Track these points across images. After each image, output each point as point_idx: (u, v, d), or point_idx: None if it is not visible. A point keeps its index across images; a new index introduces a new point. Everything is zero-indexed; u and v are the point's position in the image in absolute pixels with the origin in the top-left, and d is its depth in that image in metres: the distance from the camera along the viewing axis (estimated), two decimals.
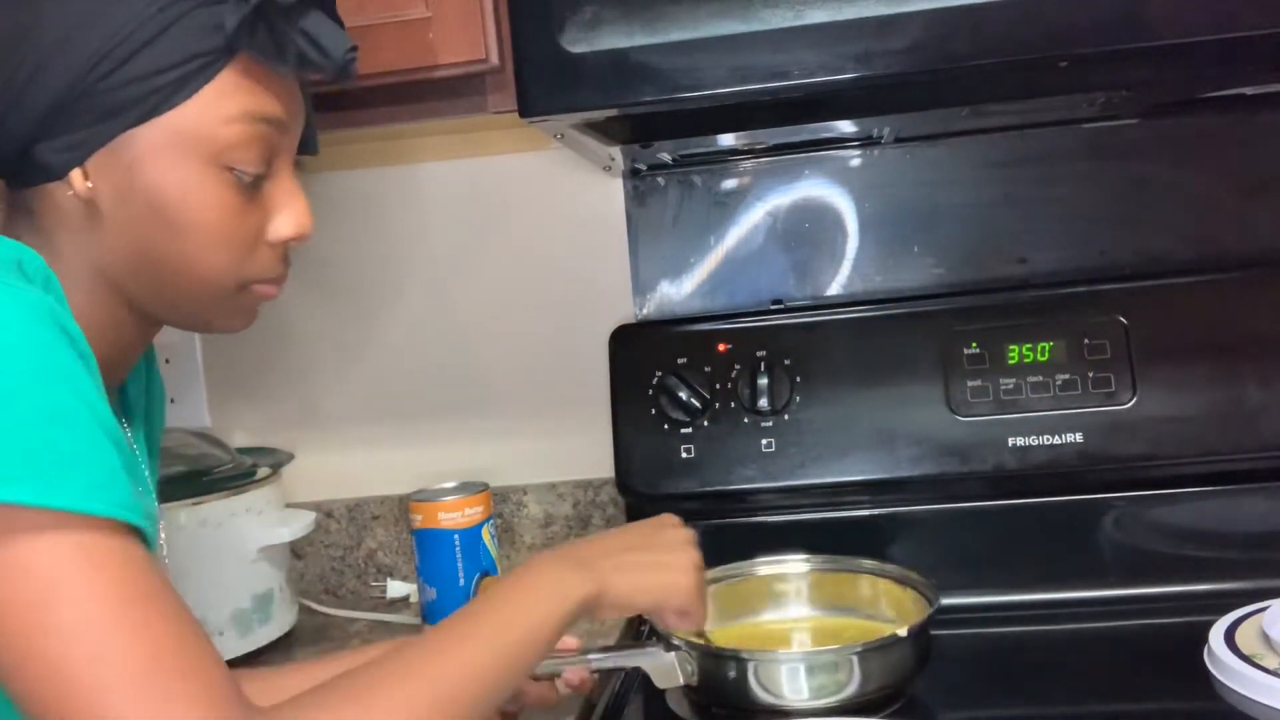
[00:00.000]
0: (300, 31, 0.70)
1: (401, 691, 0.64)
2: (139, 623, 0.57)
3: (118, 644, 0.56)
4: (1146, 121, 1.21)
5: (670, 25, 0.88)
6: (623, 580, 0.79)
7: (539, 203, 1.34)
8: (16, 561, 0.56)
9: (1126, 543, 1.13)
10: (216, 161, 0.70)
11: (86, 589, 0.56)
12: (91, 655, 0.55)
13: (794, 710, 0.89)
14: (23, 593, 0.56)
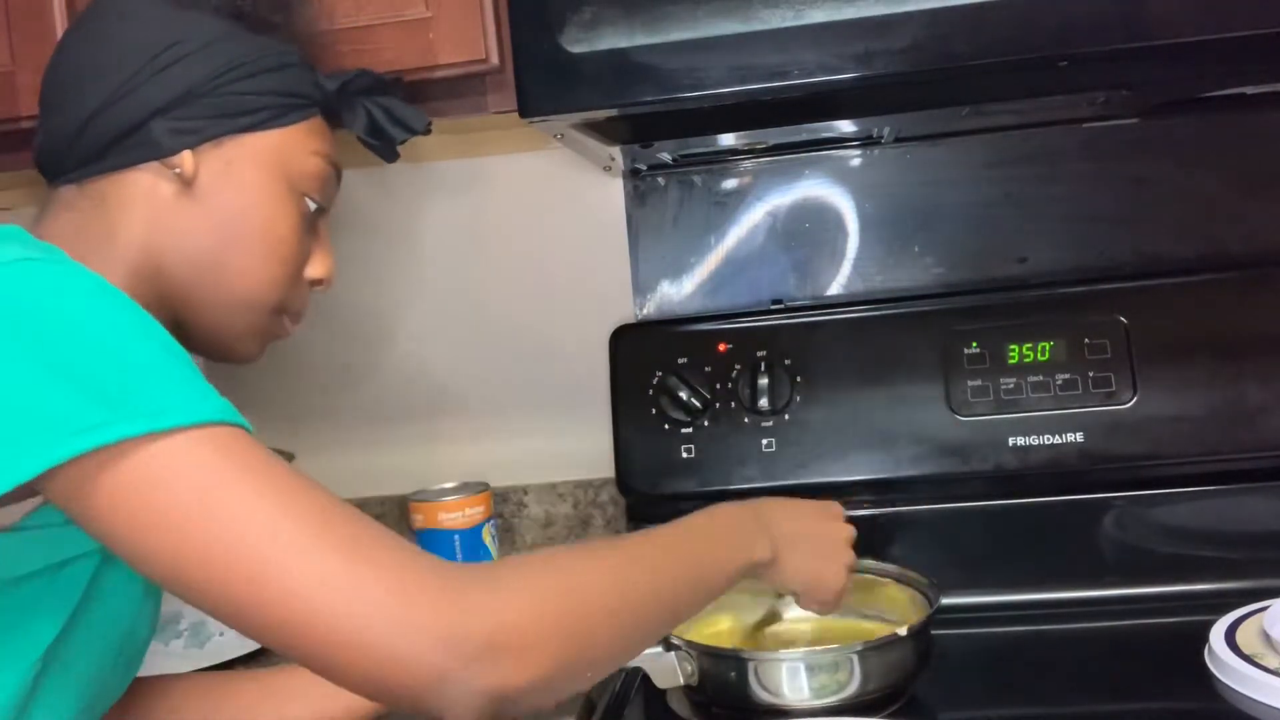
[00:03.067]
0: (380, 107, 0.86)
1: (605, 576, 0.64)
2: (301, 495, 0.58)
3: (289, 515, 0.56)
4: (1146, 121, 1.21)
5: (670, 25, 0.88)
6: (793, 557, 0.84)
7: (539, 203, 1.34)
8: (166, 479, 0.56)
9: (1126, 542, 1.13)
10: (297, 186, 0.81)
11: (237, 477, 0.57)
12: (266, 532, 0.55)
13: (794, 710, 0.89)
14: (183, 502, 0.56)
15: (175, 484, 0.56)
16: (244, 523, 0.56)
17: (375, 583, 0.55)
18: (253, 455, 0.59)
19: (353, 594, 0.54)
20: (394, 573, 0.55)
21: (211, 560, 0.55)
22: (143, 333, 0.60)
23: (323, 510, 0.57)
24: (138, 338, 0.60)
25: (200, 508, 0.56)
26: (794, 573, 0.85)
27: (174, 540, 0.56)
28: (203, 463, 0.57)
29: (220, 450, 0.58)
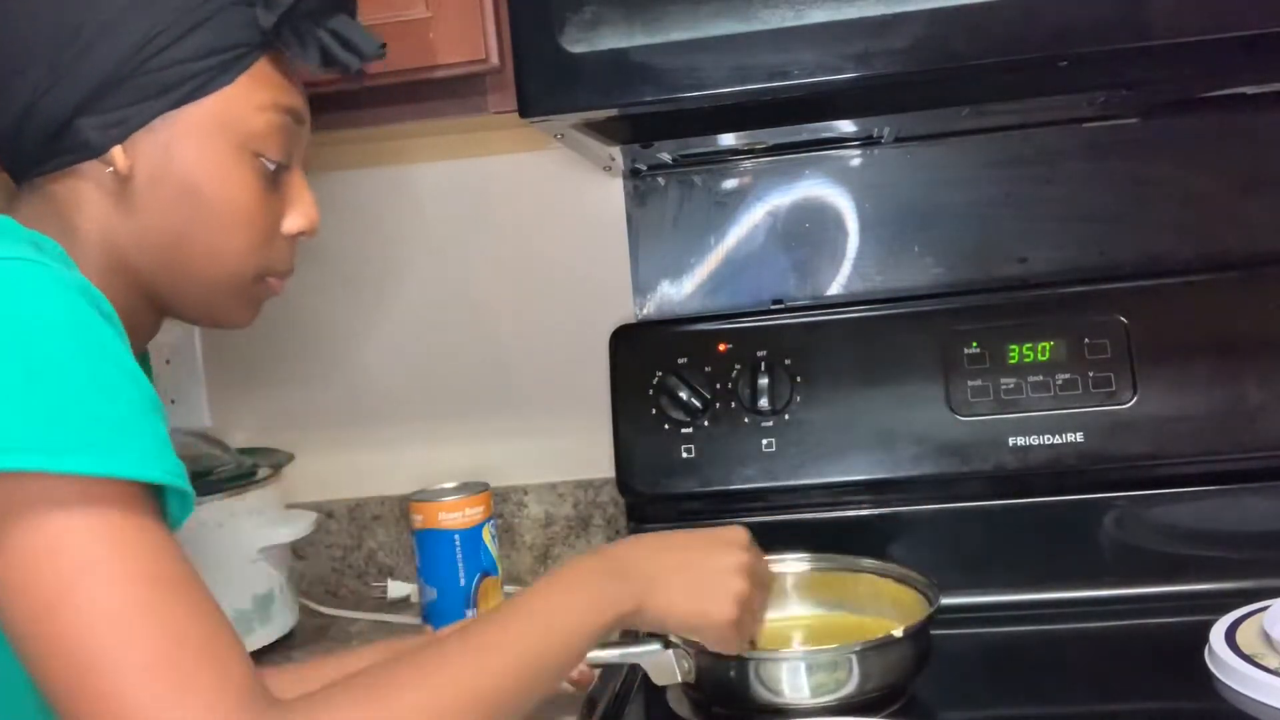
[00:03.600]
0: (329, 31, 0.76)
1: (425, 691, 0.63)
2: (166, 609, 0.57)
3: (144, 629, 0.56)
4: (1146, 121, 1.21)
5: (670, 25, 0.88)
6: (660, 600, 0.77)
7: (539, 203, 1.34)
8: (52, 536, 0.56)
9: (1127, 542, 1.13)
10: (246, 147, 0.74)
11: (120, 569, 0.56)
12: (117, 639, 0.55)
13: (793, 709, 0.89)
14: (55, 569, 0.56)
15: (59, 555, 0.56)
16: (98, 621, 0.56)
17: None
18: (153, 546, 0.58)
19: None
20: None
21: (52, 636, 0.56)
22: (110, 369, 0.59)
23: (181, 630, 0.57)
24: (104, 371, 0.59)
25: (68, 589, 0.56)
26: (665, 615, 0.78)
27: (27, 606, 0.56)
28: (98, 536, 0.57)
29: (119, 528, 0.57)
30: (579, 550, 1.35)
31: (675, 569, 0.79)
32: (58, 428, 0.56)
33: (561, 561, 1.35)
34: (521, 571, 1.35)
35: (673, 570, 0.79)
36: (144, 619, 0.56)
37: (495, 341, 1.36)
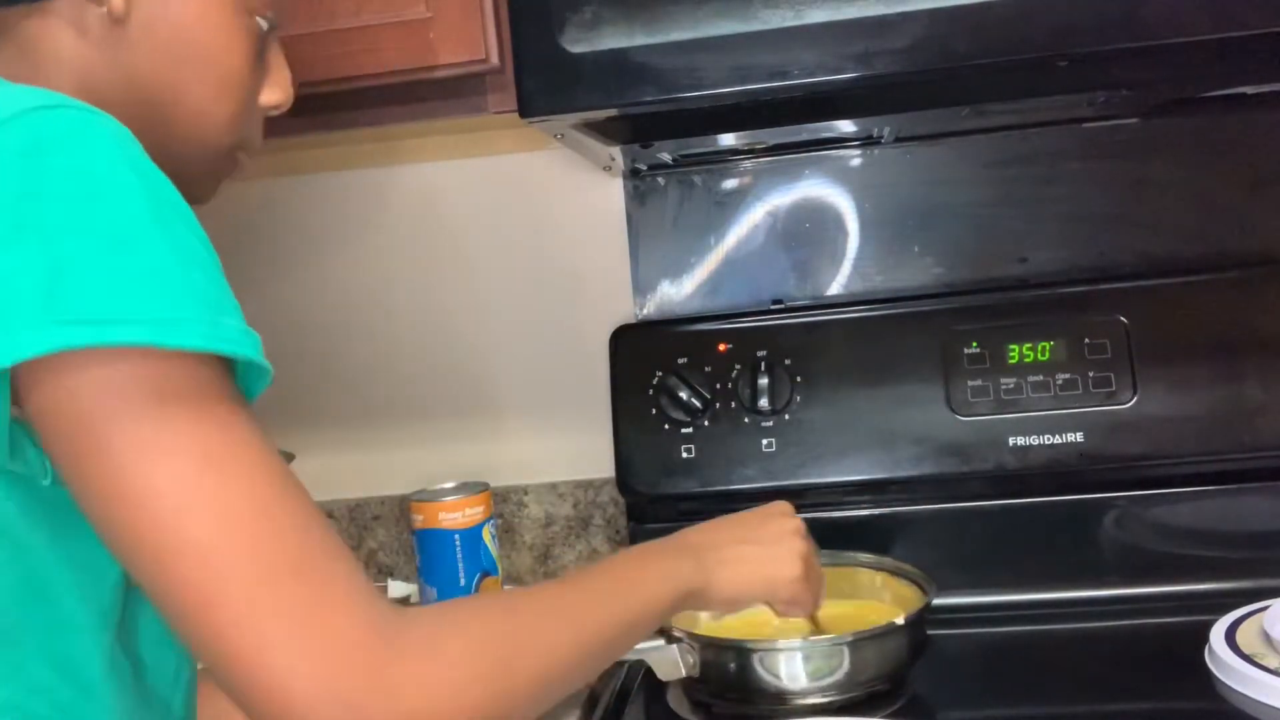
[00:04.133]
0: None
1: (539, 631, 0.62)
2: (288, 518, 0.53)
3: (254, 552, 0.52)
4: (1146, 121, 1.21)
5: (670, 25, 0.88)
6: (729, 574, 0.80)
7: (539, 203, 1.34)
8: (162, 426, 0.52)
9: (1127, 542, 1.13)
10: (245, 5, 0.70)
11: (237, 468, 0.53)
12: (225, 564, 0.51)
13: (796, 696, 0.90)
14: (171, 472, 0.51)
15: (165, 438, 0.51)
16: (206, 542, 0.51)
17: (313, 668, 0.51)
18: (245, 433, 0.54)
19: (289, 657, 0.51)
20: (337, 655, 0.52)
21: (160, 551, 0.51)
22: (193, 231, 0.54)
23: (287, 549, 0.53)
24: (189, 233, 0.54)
25: (166, 493, 0.51)
26: (737, 586, 0.81)
27: (130, 513, 0.51)
28: (207, 417, 0.52)
29: (230, 407, 0.53)
30: (579, 550, 1.35)
31: (736, 543, 0.82)
32: (155, 297, 0.52)
33: (561, 562, 1.35)
34: (521, 571, 1.35)
35: (733, 544, 0.82)
36: (253, 541, 0.52)
37: (495, 341, 1.36)
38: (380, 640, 0.53)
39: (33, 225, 0.50)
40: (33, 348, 0.49)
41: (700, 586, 0.77)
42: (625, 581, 0.73)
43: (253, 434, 0.55)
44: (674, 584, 0.75)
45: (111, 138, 0.54)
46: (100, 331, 0.50)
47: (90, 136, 0.53)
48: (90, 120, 0.54)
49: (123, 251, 0.51)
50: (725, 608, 0.83)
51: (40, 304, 0.49)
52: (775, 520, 0.87)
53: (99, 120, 0.54)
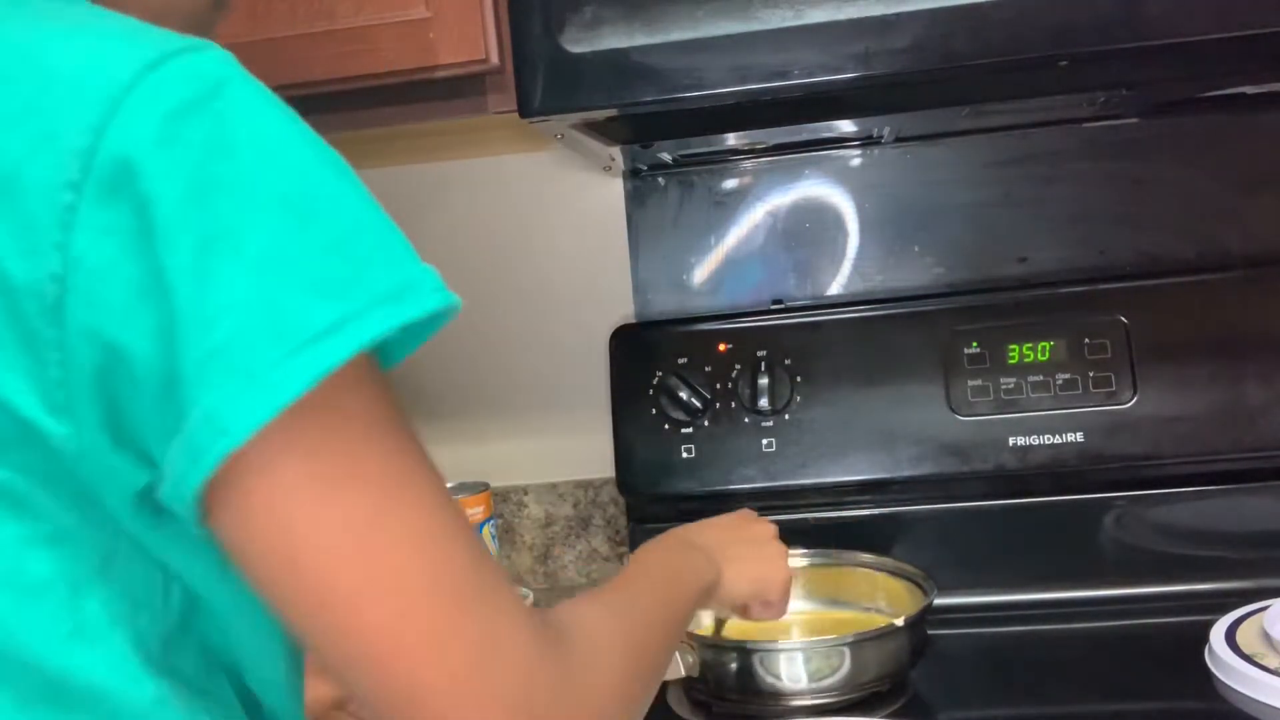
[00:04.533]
0: None
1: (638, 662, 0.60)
2: (457, 531, 0.48)
3: (447, 558, 0.46)
4: (1146, 121, 1.21)
5: (670, 25, 0.88)
6: (732, 570, 0.80)
7: (539, 203, 1.34)
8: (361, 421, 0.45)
9: (1127, 542, 1.13)
10: None
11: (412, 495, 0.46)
12: (429, 575, 0.45)
13: (795, 697, 0.90)
14: (364, 477, 0.44)
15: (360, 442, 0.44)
16: (386, 583, 0.44)
17: (505, 689, 0.47)
18: (412, 445, 0.48)
19: (482, 703, 0.46)
20: (523, 678, 0.48)
21: (323, 586, 0.44)
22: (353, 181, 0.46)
23: (466, 576, 0.47)
24: (356, 190, 0.46)
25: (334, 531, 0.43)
26: (737, 582, 0.81)
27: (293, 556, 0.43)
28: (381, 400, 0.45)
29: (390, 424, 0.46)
30: (579, 550, 1.35)
31: (731, 544, 0.83)
32: (383, 265, 0.44)
33: (561, 562, 1.35)
34: (521, 571, 1.35)
35: (730, 544, 0.83)
36: (447, 561, 0.46)
37: (495, 341, 1.36)
38: (554, 659, 0.50)
39: (227, 227, 0.41)
40: (264, 408, 0.40)
41: (714, 582, 0.78)
42: (673, 584, 0.73)
43: (411, 438, 0.48)
44: (701, 581, 0.76)
45: (255, 82, 0.46)
46: (345, 338, 0.41)
47: (248, 89, 0.44)
48: (229, 62, 0.45)
49: (323, 220, 0.43)
50: (722, 604, 0.84)
51: (262, 334, 0.40)
52: (755, 523, 0.88)
53: (232, 62, 0.45)
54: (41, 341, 0.40)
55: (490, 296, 1.35)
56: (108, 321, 0.40)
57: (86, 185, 0.39)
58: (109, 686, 0.46)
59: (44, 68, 0.41)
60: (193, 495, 0.41)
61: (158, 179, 0.39)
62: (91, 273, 0.39)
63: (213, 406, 0.39)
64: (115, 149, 0.39)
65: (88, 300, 0.39)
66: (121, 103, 0.39)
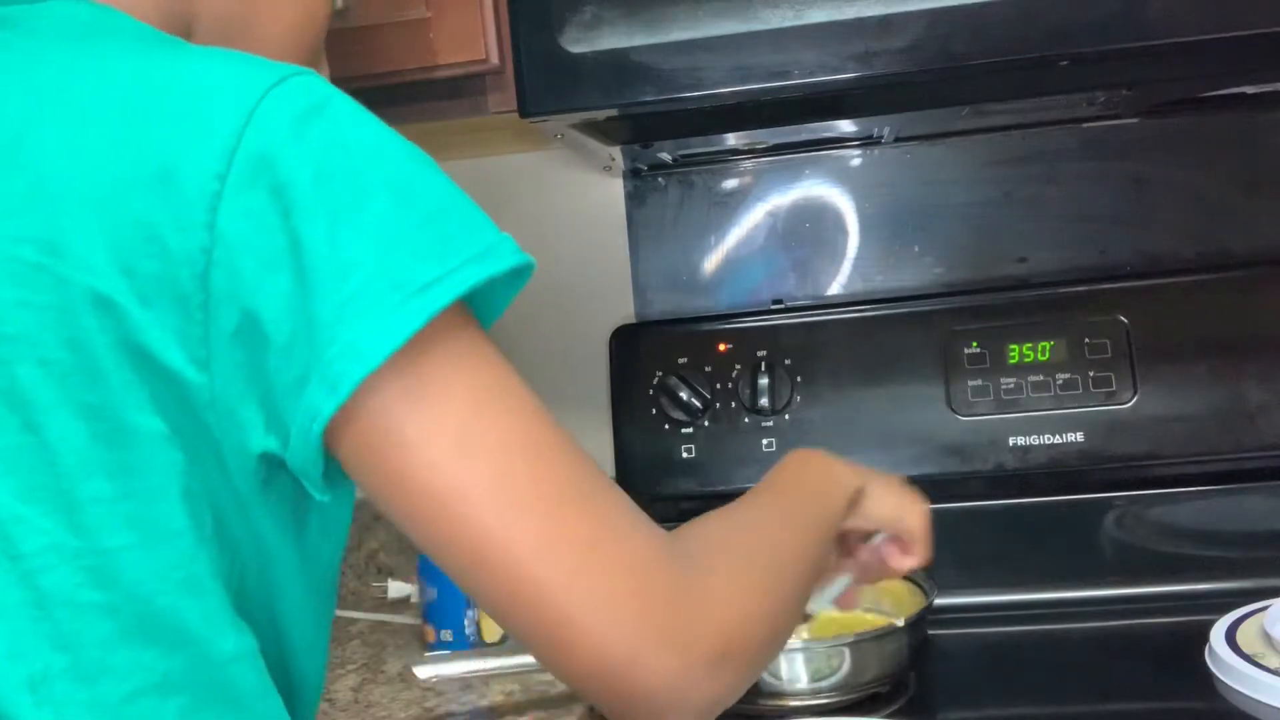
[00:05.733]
0: None
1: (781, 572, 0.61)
2: (559, 440, 0.52)
3: (541, 489, 0.51)
4: (1146, 121, 1.21)
5: (670, 25, 0.88)
6: (878, 484, 0.78)
7: (539, 203, 1.34)
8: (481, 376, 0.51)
9: (1127, 542, 1.13)
10: None
11: (509, 404, 0.52)
12: (511, 505, 0.50)
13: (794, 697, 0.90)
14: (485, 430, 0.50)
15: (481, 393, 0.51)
16: (490, 482, 0.49)
17: (621, 578, 0.50)
18: (507, 368, 0.53)
19: (599, 600, 0.50)
20: (637, 576, 0.51)
21: (438, 493, 0.50)
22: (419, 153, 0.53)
23: (570, 479, 0.51)
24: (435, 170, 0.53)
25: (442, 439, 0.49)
26: (885, 498, 0.78)
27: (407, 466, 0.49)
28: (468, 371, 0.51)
29: (486, 347, 0.52)
30: None
31: (867, 466, 0.79)
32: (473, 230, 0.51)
33: None
34: None
35: (866, 467, 0.79)
36: (550, 464, 0.51)
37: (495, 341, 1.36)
38: (670, 559, 0.52)
39: (349, 204, 0.49)
40: (394, 337, 0.48)
41: (860, 487, 0.75)
42: (810, 493, 0.71)
43: (508, 369, 0.53)
44: (847, 488, 0.74)
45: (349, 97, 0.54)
46: (445, 289, 0.49)
47: (348, 102, 0.53)
48: (328, 83, 0.53)
49: (421, 199, 0.51)
50: (867, 520, 0.79)
51: (384, 284, 0.48)
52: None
53: (329, 83, 0.54)
54: (191, 303, 0.48)
55: None
56: (243, 287, 0.48)
57: (230, 175, 0.48)
58: (200, 634, 0.52)
59: (190, 83, 0.50)
60: (323, 427, 0.48)
61: (292, 168, 0.48)
62: (231, 246, 0.48)
63: (351, 340, 0.47)
64: (254, 146, 0.48)
65: (228, 269, 0.48)
66: (256, 110, 0.49)
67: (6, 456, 0.50)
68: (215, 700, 0.53)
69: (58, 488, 0.50)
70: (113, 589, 0.50)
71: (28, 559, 0.50)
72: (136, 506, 0.50)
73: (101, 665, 0.50)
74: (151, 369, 0.49)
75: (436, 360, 0.50)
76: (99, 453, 0.49)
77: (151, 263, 0.48)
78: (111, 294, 0.48)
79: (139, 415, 0.49)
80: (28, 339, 0.49)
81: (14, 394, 0.49)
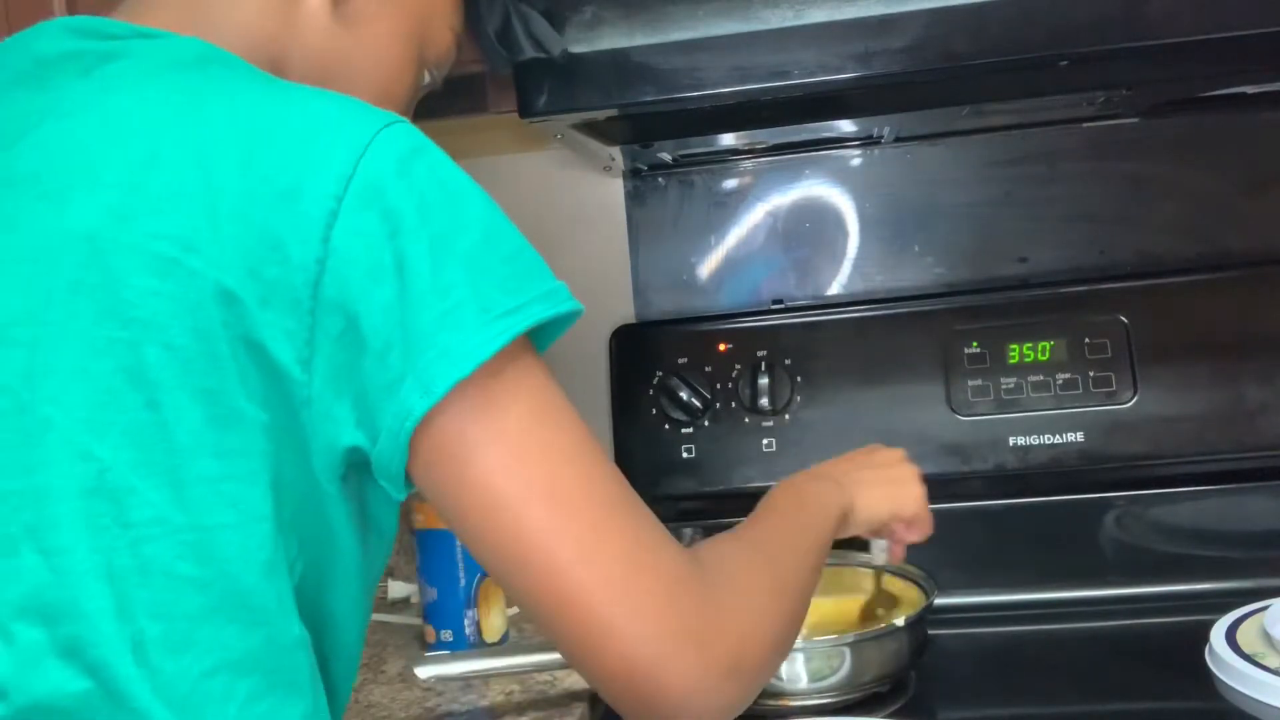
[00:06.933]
0: (519, 14, 0.85)
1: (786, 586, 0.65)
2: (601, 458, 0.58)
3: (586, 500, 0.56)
4: (1146, 121, 1.21)
5: (670, 25, 0.88)
6: (863, 493, 0.83)
7: (539, 203, 1.34)
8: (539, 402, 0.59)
9: (1127, 542, 1.13)
10: (426, 54, 0.76)
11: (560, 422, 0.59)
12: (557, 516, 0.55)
13: (794, 697, 0.90)
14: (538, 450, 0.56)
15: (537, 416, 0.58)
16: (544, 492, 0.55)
17: (651, 586, 0.55)
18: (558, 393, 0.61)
19: (632, 605, 0.54)
20: (667, 587, 0.56)
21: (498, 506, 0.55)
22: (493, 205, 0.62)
23: (611, 495, 0.57)
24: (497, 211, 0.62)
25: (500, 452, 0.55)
26: (871, 504, 0.83)
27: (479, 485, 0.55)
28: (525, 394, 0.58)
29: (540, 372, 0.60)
30: None
31: (858, 469, 0.86)
32: (539, 270, 0.61)
33: None
34: None
35: (857, 470, 0.85)
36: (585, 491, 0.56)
37: None
38: (697, 574, 0.57)
39: (446, 234, 0.56)
40: (483, 350, 0.54)
41: (848, 508, 0.80)
42: (804, 516, 0.75)
43: (560, 392, 0.61)
44: (835, 509, 0.78)
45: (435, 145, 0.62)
46: (522, 317, 0.56)
47: (437, 149, 0.62)
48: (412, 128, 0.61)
49: (502, 240, 0.60)
50: (861, 529, 0.84)
51: (476, 306, 0.55)
52: (882, 451, 0.90)
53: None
54: (302, 308, 0.53)
55: None
56: (349, 295, 0.53)
57: (346, 198, 0.54)
58: (274, 617, 0.55)
59: (312, 117, 0.56)
60: (414, 426, 0.53)
61: (400, 197, 0.55)
62: (342, 259, 0.53)
63: (446, 348, 0.53)
64: (367, 175, 0.54)
65: (337, 279, 0.53)
66: (369, 146, 0.55)
67: (128, 430, 0.53)
68: (280, 685, 0.56)
69: (170, 464, 0.53)
70: (208, 565, 0.53)
71: (137, 528, 0.53)
72: (236, 488, 0.54)
73: (189, 638, 0.53)
74: (263, 363, 0.53)
75: (506, 378, 0.56)
76: (210, 435, 0.53)
77: (273, 268, 0.53)
78: (238, 290, 0.52)
79: (248, 404, 0.53)
80: (158, 324, 0.53)
81: (141, 373, 0.53)
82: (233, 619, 0.54)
